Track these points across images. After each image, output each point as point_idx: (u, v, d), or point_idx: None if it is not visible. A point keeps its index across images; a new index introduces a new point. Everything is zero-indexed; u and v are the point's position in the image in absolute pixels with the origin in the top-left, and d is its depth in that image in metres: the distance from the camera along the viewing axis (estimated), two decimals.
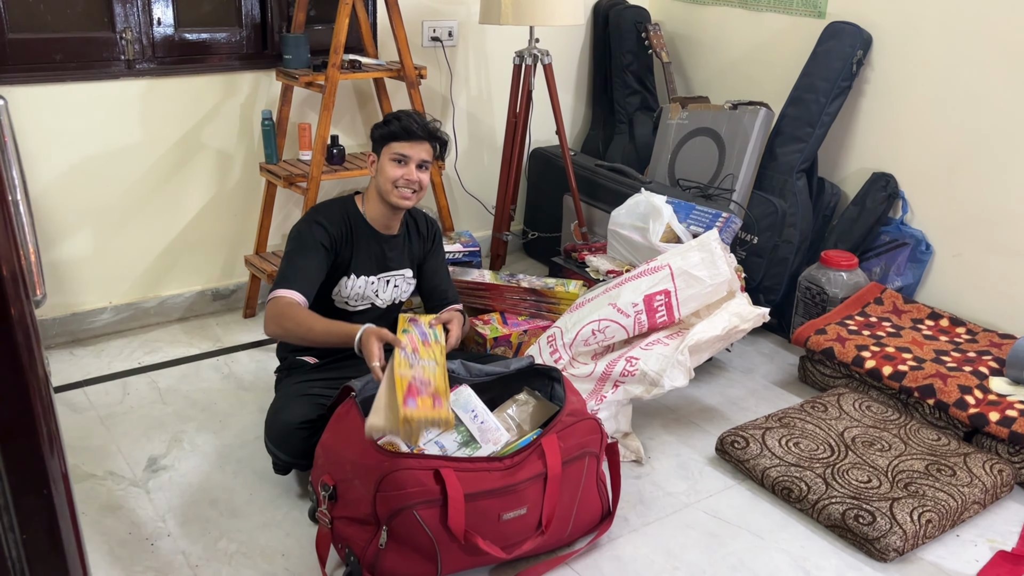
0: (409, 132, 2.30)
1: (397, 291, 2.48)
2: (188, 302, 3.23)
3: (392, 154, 2.31)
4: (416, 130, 2.31)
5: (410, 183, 2.32)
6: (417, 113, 2.37)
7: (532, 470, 1.93)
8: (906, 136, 3.16)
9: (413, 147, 2.31)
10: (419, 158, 2.32)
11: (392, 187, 2.31)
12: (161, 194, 3.06)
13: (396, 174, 2.31)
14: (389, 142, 2.32)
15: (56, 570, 1.01)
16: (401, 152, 2.30)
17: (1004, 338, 2.84)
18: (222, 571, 2.00)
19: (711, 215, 3.01)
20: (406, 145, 2.31)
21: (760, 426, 2.52)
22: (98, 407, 2.64)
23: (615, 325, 2.55)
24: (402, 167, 2.31)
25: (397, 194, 2.32)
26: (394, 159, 2.31)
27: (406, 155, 2.31)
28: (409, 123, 2.31)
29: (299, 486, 2.29)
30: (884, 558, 2.10)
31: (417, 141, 2.32)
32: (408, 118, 2.32)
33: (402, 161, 2.31)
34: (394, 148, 2.31)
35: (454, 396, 2.07)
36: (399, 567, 1.90)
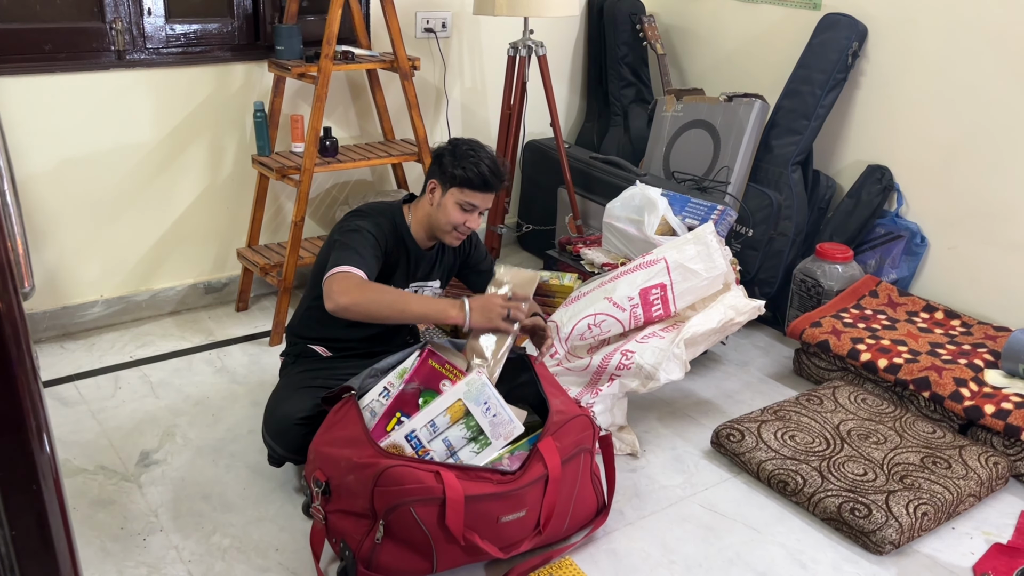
0: (486, 184, 2.19)
1: None
2: (180, 295, 3.21)
3: (461, 200, 2.19)
4: (493, 184, 2.20)
5: (469, 230, 2.24)
6: (492, 158, 2.21)
7: (533, 474, 1.92)
8: (902, 128, 3.15)
9: (484, 198, 2.21)
10: (485, 207, 2.24)
11: (451, 229, 2.22)
12: (152, 186, 3.03)
13: (459, 220, 2.21)
14: (463, 187, 2.18)
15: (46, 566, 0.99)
16: (471, 202, 2.20)
17: (999, 331, 2.84)
18: (215, 566, 1.98)
19: (706, 208, 3.00)
20: (478, 196, 2.20)
21: (756, 419, 2.51)
22: (89, 401, 2.62)
23: (611, 319, 2.54)
24: (467, 214, 2.21)
25: (453, 236, 2.24)
26: (460, 205, 2.20)
27: (476, 206, 2.21)
28: (487, 174, 2.18)
29: (293, 480, 2.28)
30: (880, 551, 2.10)
31: (488, 193, 2.22)
32: (484, 166, 2.18)
33: (469, 210, 2.21)
34: (466, 195, 2.19)
35: (466, 386, 2.03)
36: (394, 562, 1.88)
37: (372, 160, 3.10)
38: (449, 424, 2.01)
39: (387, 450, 1.89)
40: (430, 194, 2.24)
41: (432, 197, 2.23)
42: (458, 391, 2.02)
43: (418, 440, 1.97)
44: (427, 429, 2.00)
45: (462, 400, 2.03)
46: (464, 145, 2.22)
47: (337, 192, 3.44)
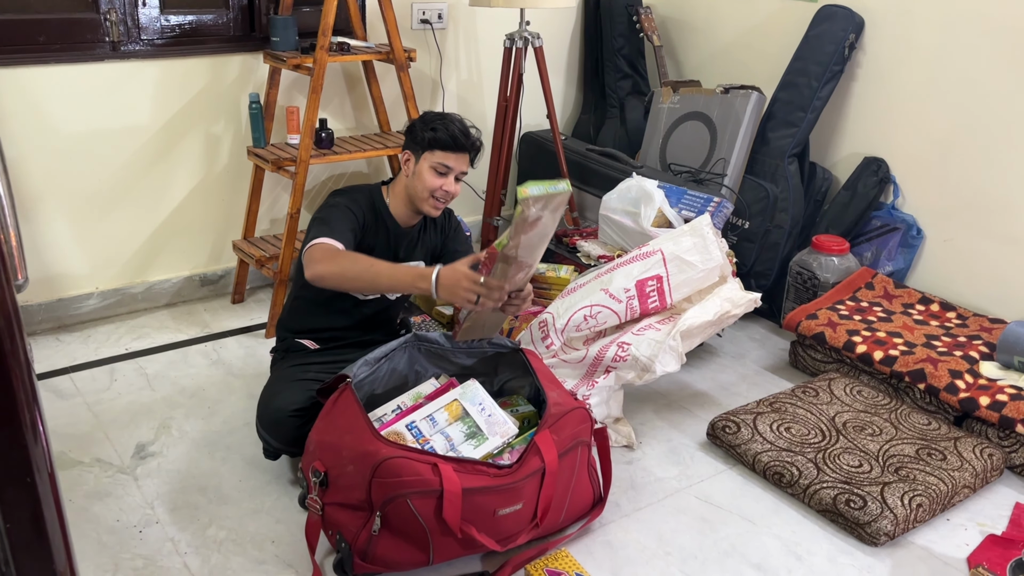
0: (456, 144, 2.20)
1: None
2: (176, 288, 3.20)
3: (434, 163, 2.20)
4: (463, 143, 2.21)
5: (448, 195, 2.23)
6: (460, 121, 2.24)
7: (530, 467, 1.93)
8: (898, 120, 3.15)
9: (457, 159, 2.21)
10: (460, 170, 2.23)
11: (428, 196, 2.22)
12: (147, 178, 3.02)
13: (435, 184, 2.21)
14: (433, 149, 2.20)
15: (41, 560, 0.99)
16: (445, 163, 2.20)
17: (994, 323, 2.85)
18: (211, 558, 1.99)
19: (702, 200, 3.00)
20: (451, 156, 2.20)
21: (751, 411, 2.52)
22: (85, 393, 2.61)
23: (607, 311, 2.53)
24: (442, 178, 2.21)
25: (431, 203, 2.23)
26: (435, 168, 2.20)
27: (450, 167, 2.20)
28: (456, 133, 2.19)
29: (289, 472, 2.28)
30: (875, 542, 2.10)
31: (462, 153, 2.22)
32: (455, 127, 2.20)
33: (444, 172, 2.21)
34: (437, 157, 2.20)
35: (461, 390, 2.07)
36: (391, 554, 1.89)
37: (368, 152, 3.09)
38: (448, 422, 2.02)
39: (387, 438, 1.89)
40: (405, 165, 2.26)
41: (407, 168, 2.25)
42: (455, 392, 2.06)
43: (419, 430, 1.98)
44: (427, 422, 2.01)
45: (458, 400, 2.05)
46: (432, 113, 2.26)
47: (333, 184, 3.43)
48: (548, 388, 2.13)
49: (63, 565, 1.02)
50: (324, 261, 2.02)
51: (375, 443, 1.86)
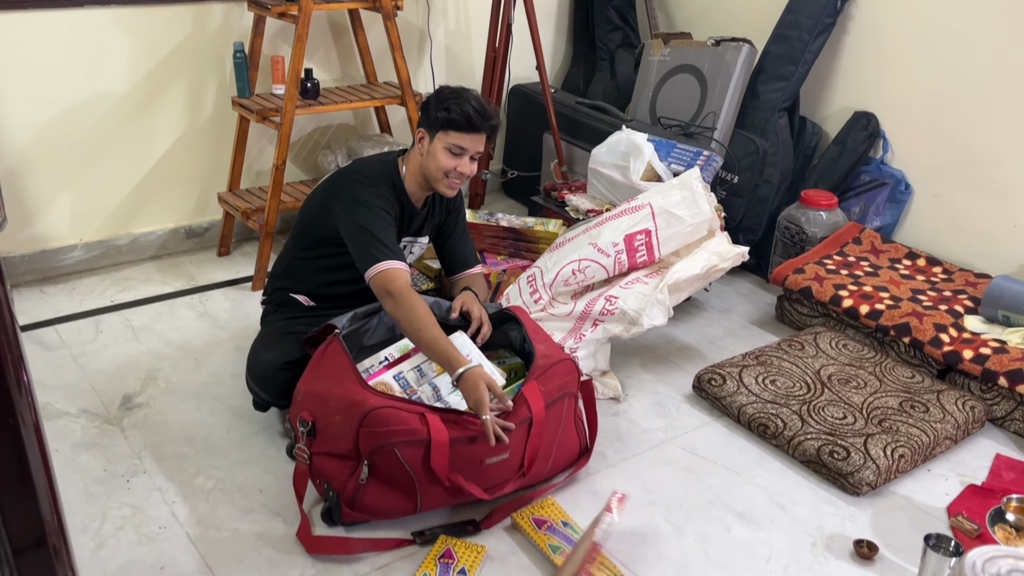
0: (471, 124, 2.11)
1: (411, 256, 2.39)
2: (161, 240, 3.17)
3: (449, 144, 2.12)
4: (479, 123, 2.12)
5: (462, 176, 2.17)
6: (476, 99, 2.14)
7: (517, 418, 1.93)
8: (889, 74, 3.13)
9: (472, 139, 2.13)
10: (475, 150, 2.15)
11: (442, 176, 2.15)
12: (131, 129, 2.97)
13: (449, 165, 2.13)
14: (447, 130, 2.12)
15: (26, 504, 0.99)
16: (460, 144, 2.12)
17: (980, 277, 2.86)
18: (199, 507, 1.99)
19: (692, 153, 2.98)
20: (465, 137, 2.12)
21: (737, 364, 2.53)
22: (70, 345, 2.60)
23: (595, 265, 2.53)
24: (457, 159, 2.14)
25: (446, 183, 2.17)
26: (450, 149, 2.13)
27: (464, 148, 2.13)
28: (472, 113, 2.10)
29: (277, 424, 2.28)
30: (857, 492, 2.13)
31: (477, 133, 2.13)
32: (469, 106, 2.11)
33: (458, 153, 2.14)
34: (452, 138, 2.11)
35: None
36: (378, 502, 1.90)
37: (354, 103, 3.06)
38: (436, 373, 2.02)
39: (375, 388, 1.90)
40: (419, 143, 2.18)
41: (421, 147, 2.17)
42: None
43: (406, 381, 1.98)
44: (414, 373, 2.02)
45: None
46: (448, 90, 2.16)
47: (319, 136, 3.39)
48: (536, 340, 2.14)
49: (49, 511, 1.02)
50: (395, 300, 2.01)
51: (363, 393, 1.86)
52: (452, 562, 1.83)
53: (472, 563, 1.84)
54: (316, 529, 1.93)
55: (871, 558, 1.95)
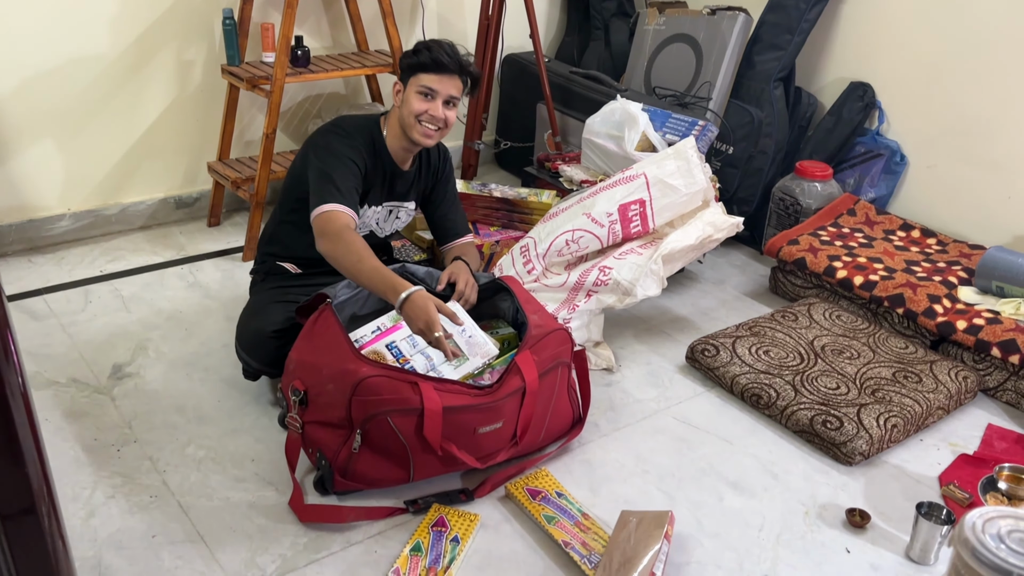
0: (439, 64, 2.11)
1: (398, 222, 2.39)
2: (151, 210, 3.14)
3: (419, 86, 2.13)
4: (447, 63, 2.12)
5: (435, 119, 2.14)
6: (450, 44, 2.17)
7: (510, 387, 1.93)
8: (886, 45, 3.10)
9: (442, 81, 2.13)
10: (447, 93, 2.14)
11: (415, 121, 2.14)
12: (119, 97, 2.93)
13: (421, 108, 2.13)
14: (417, 73, 2.13)
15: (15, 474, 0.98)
16: (429, 86, 2.12)
17: (974, 248, 2.85)
18: (191, 476, 1.99)
19: (687, 123, 2.96)
20: (434, 78, 2.12)
21: (730, 335, 2.53)
22: (60, 315, 2.58)
23: (589, 235, 2.52)
24: (428, 101, 2.13)
25: (420, 130, 2.15)
26: (420, 92, 2.13)
27: (434, 89, 2.12)
28: (440, 55, 2.12)
29: (268, 394, 2.27)
30: (850, 461, 2.13)
31: (447, 75, 2.13)
32: (439, 49, 2.13)
33: (429, 95, 2.13)
34: (422, 80, 2.13)
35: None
36: (371, 471, 1.89)
37: (345, 71, 3.02)
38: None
39: (368, 357, 1.88)
40: (396, 96, 2.20)
41: (398, 99, 2.19)
42: None
43: (399, 350, 1.97)
44: (407, 342, 2.00)
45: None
46: (422, 41, 2.20)
47: (310, 105, 3.35)
48: (529, 311, 2.12)
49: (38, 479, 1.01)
50: (330, 238, 2.00)
51: (356, 362, 1.85)
52: (445, 530, 1.83)
53: (465, 531, 1.84)
54: (308, 498, 1.93)
55: (863, 526, 1.96)
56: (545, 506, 1.93)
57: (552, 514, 1.90)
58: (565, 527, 1.87)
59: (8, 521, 0.98)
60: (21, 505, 0.99)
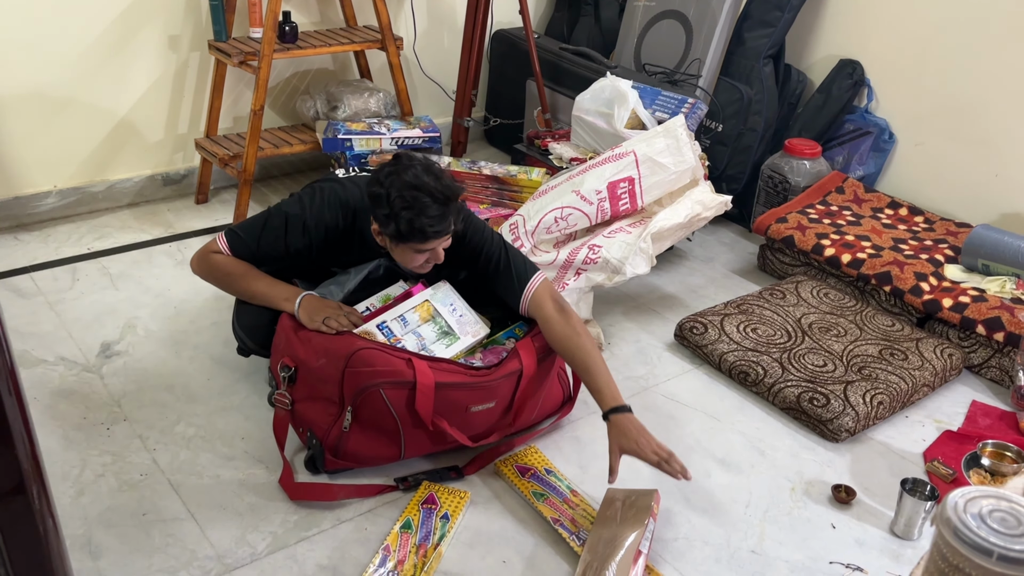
0: (427, 236, 1.81)
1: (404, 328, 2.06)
2: (138, 187, 3.12)
3: (412, 251, 1.87)
4: (434, 234, 1.82)
5: (437, 261, 1.92)
6: (429, 190, 1.77)
7: (507, 369, 1.93)
8: (875, 22, 3.10)
9: (436, 243, 1.86)
10: (442, 246, 1.89)
11: (415, 269, 1.96)
12: (105, 73, 2.90)
13: (419, 261, 1.90)
14: (407, 242, 1.84)
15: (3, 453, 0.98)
16: (424, 249, 1.86)
17: (961, 227, 2.87)
18: (180, 454, 1.99)
19: (677, 101, 2.95)
20: (429, 244, 1.84)
21: (719, 313, 2.54)
22: (47, 293, 2.56)
23: (578, 212, 2.51)
24: (426, 255, 1.89)
25: (419, 270, 1.98)
26: (415, 252, 1.88)
27: (428, 251, 1.88)
28: (425, 227, 1.78)
29: (257, 372, 2.27)
30: (836, 438, 2.16)
31: (437, 240, 1.85)
32: (423, 219, 1.77)
33: (425, 252, 1.89)
34: (414, 247, 1.85)
35: (432, 291, 2.05)
36: (362, 449, 1.90)
37: (333, 47, 2.99)
38: (419, 323, 2.01)
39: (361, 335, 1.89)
40: (379, 236, 1.91)
41: (383, 239, 1.91)
42: (425, 294, 2.04)
43: (389, 329, 1.97)
44: (398, 322, 2.00)
45: (429, 301, 2.03)
46: (395, 189, 1.78)
47: (298, 81, 3.33)
48: None
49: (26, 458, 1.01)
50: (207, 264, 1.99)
51: (349, 337, 1.85)
52: (435, 507, 1.85)
53: (455, 509, 1.85)
54: (299, 476, 1.93)
55: (848, 502, 1.98)
56: (534, 483, 1.94)
57: (541, 491, 1.92)
58: (554, 504, 1.89)
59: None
60: (10, 485, 0.99)
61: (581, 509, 1.88)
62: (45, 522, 1.04)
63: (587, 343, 1.93)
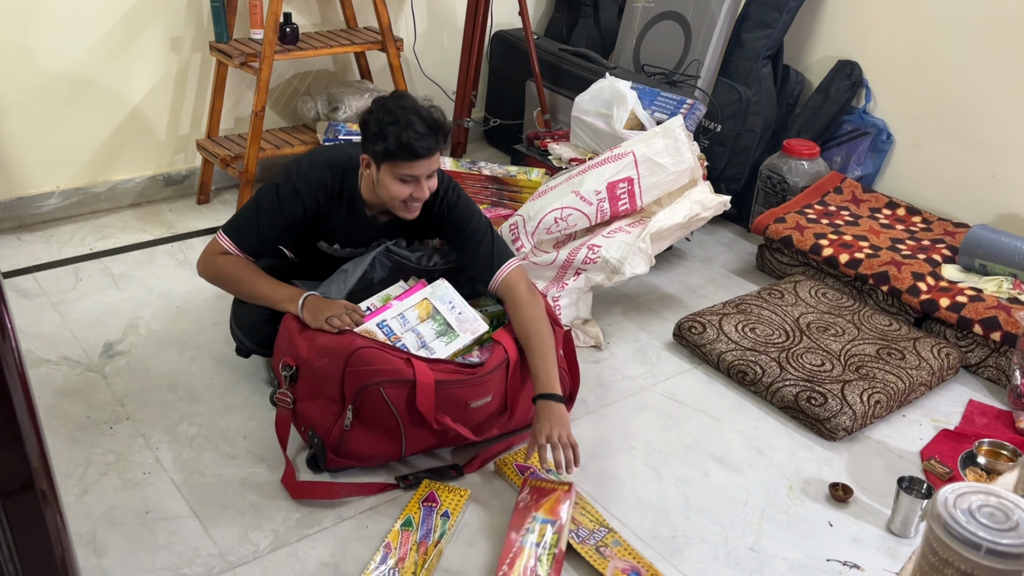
0: (415, 153, 1.88)
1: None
2: (139, 187, 3.14)
3: (398, 174, 1.92)
4: (423, 150, 1.89)
5: (421, 200, 1.98)
6: (417, 112, 1.89)
7: (494, 361, 1.96)
8: (873, 23, 3.12)
9: (423, 164, 1.91)
10: (429, 171, 1.94)
11: (400, 204, 1.97)
12: (107, 74, 2.92)
13: (404, 193, 1.94)
14: (392, 160, 1.90)
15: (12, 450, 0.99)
16: (409, 174, 1.91)
17: (958, 227, 2.89)
18: (183, 453, 2.01)
19: (676, 102, 2.97)
20: (415, 164, 1.90)
21: (717, 312, 2.55)
22: (50, 293, 2.58)
23: (578, 213, 2.53)
24: (411, 185, 1.94)
25: (405, 210, 1.99)
26: (400, 179, 1.93)
27: (416, 175, 1.93)
28: (411, 140, 1.86)
29: (260, 372, 2.28)
30: (833, 437, 2.17)
31: (425, 159, 1.91)
32: (410, 132, 1.86)
33: (411, 181, 1.95)
34: (399, 169, 1.91)
35: (431, 289, 2.07)
36: (364, 447, 1.92)
37: (334, 48, 3.01)
38: (419, 321, 2.03)
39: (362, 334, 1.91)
40: (367, 169, 1.99)
41: (370, 173, 1.98)
42: (424, 292, 2.06)
43: (389, 328, 1.99)
44: (398, 321, 2.02)
45: (428, 299, 2.05)
46: (383, 110, 1.90)
47: (299, 82, 3.34)
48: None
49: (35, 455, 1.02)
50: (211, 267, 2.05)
51: (349, 336, 1.87)
52: (435, 505, 1.86)
53: (455, 506, 1.87)
54: (300, 475, 1.95)
55: (846, 501, 2.00)
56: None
57: None
58: None
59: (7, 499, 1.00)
60: (20, 482, 1.00)
61: (580, 508, 1.89)
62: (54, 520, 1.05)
63: (547, 331, 2.00)
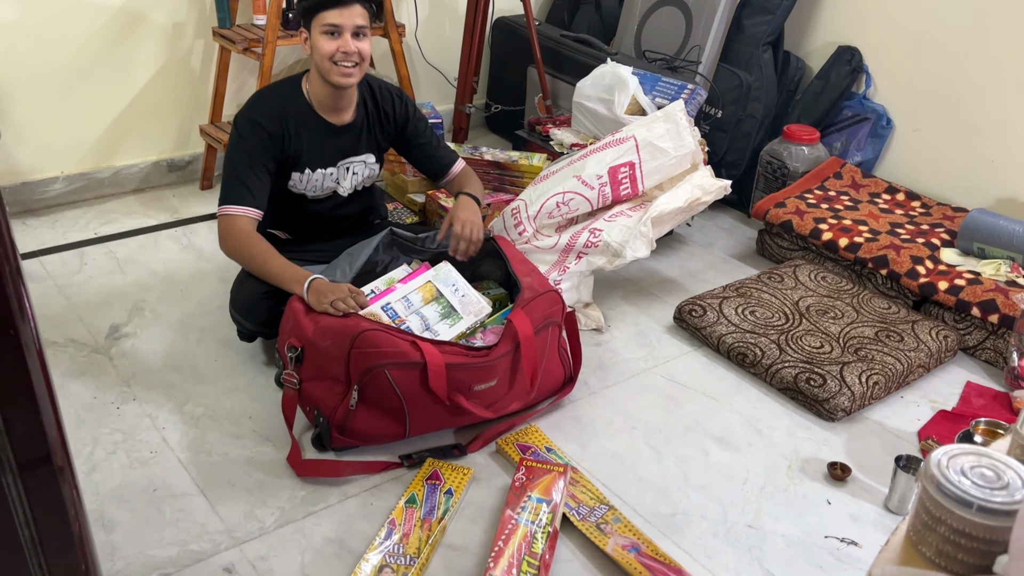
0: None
1: (357, 178, 2.32)
2: (143, 173, 3.15)
3: (322, 27, 2.05)
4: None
5: (348, 56, 2.06)
6: None
7: (504, 348, 1.98)
8: (873, 9, 3.12)
9: (343, 13, 2.04)
10: (353, 24, 2.05)
11: (330, 64, 2.07)
12: (110, 59, 2.93)
13: (330, 48, 2.05)
14: (316, 13, 2.05)
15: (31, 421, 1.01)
16: (331, 23, 2.04)
17: (957, 211, 2.90)
18: (189, 433, 2.03)
19: (677, 87, 2.98)
20: (335, 13, 2.03)
21: (718, 296, 2.58)
22: (56, 276, 2.60)
23: (579, 197, 2.55)
24: (336, 39, 2.05)
25: (337, 71, 2.08)
26: (325, 32, 2.05)
27: (338, 24, 2.04)
28: None
29: (263, 354, 2.31)
30: (832, 418, 2.20)
31: (347, 6, 2.04)
32: None
33: (335, 33, 2.05)
34: (323, 19, 2.04)
35: (434, 271, 2.09)
36: (368, 427, 1.94)
37: None
38: (422, 303, 2.05)
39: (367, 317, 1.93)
40: (305, 44, 2.12)
41: (307, 47, 2.12)
42: (428, 275, 2.08)
43: (394, 311, 2.01)
44: (402, 303, 2.04)
45: (432, 282, 2.07)
46: None
47: (301, 68, 3.34)
48: (520, 273, 2.16)
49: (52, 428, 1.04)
50: (232, 243, 2.09)
51: (354, 319, 1.89)
52: (439, 483, 1.89)
53: (458, 484, 1.89)
54: (306, 454, 1.98)
55: (844, 479, 2.02)
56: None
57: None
58: None
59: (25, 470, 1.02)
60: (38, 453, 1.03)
61: (581, 486, 1.92)
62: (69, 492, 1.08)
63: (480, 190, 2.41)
